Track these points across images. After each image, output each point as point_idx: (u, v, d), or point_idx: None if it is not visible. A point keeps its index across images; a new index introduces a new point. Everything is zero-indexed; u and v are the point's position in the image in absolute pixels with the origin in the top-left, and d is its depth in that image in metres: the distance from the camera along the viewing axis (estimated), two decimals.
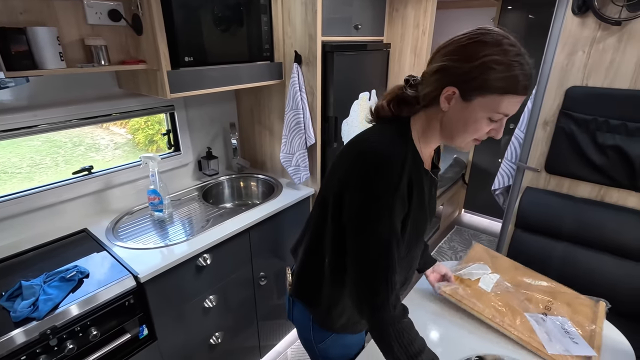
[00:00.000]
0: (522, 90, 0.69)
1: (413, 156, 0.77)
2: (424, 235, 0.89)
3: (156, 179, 1.48)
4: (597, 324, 1.13)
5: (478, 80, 0.68)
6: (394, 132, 0.79)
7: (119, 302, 1.12)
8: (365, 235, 0.74)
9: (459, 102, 0.72)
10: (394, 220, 0.73)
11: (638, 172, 1.43)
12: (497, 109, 0.70)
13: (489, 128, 0.74)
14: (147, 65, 1.25)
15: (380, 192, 0.72)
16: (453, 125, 0.75)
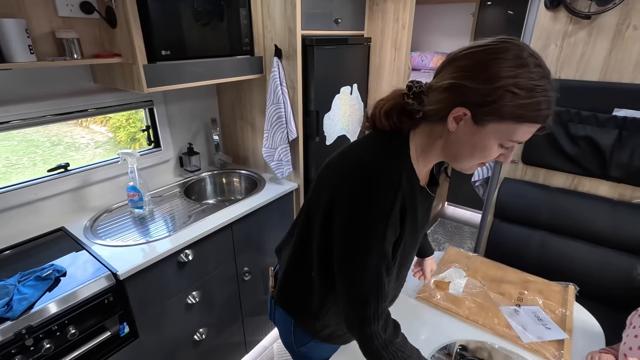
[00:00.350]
0: (542, 120, 0.62)
1: (408, 177, 0.70)
2: (415, 250, 0.84)
3: (135, 175, 1.46)
4: (568, 307, 1.18)
5: (495, 105, 0.59)
6: (390, 151, 0.72)
7: (97, 300, 1.11)
8: (354, 264, 0.70)
9: (469, 125, 0.64)
10: (384, 249, 0.69)
11: (608, 162, 1.49)
12: (511, 136, 0.63)
13: (499, 153, 0.67)
14: (122, 58, 1.22)
15: (371, 222, 0.67)
16: (459, 148, 0.68)
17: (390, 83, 2.04)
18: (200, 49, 1.41)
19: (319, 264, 0.80)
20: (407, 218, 0.71)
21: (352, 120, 2.01)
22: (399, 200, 0.67)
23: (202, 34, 1.39)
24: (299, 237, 0.86)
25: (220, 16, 1.43)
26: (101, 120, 1.78)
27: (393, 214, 0.67)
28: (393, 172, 0.68)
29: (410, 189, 0.71)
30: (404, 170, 0.70)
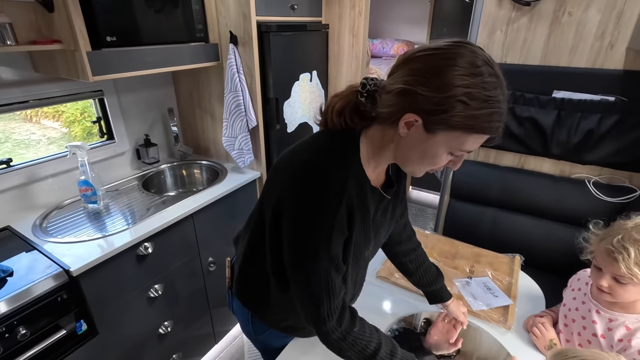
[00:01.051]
0: (493, 131, 0.61)
1: (356, 180, 0.70)
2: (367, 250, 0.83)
3: (87, 169, 1.40)
4: (514, 276, 1.27)
5: (446, 114, 0.58)
6: (339, 152, 0.70)
7: (49, 299, 1.06)
8: (303, 268, 0.70)
9: (420, 132, 0.63)
10: (332, 251, 0.68)
11: (549, 141, 1.60)
12: (461, 146, 0.63)
13: (448, 160, 0.67)
14: (62, 45, 1.15)
15: (316, 227, 0.66)
16: (409, 153, 0.68)
17: (349, 69, 2.06)
18: (150, 35, 1.35)
19: (272, 261, 0.79)
20: (356, 220, 0.70)
21: (312, 107, 2.02)
22: (344, 205, 0.66)
23: (152, 19, 1.34)
24: (253, 233, 0.85)
25: (170, 1, 1.38)
26: (53, 114, 1.68)
27: (338, 219, 0.66)
28: (339, 177, 0.67)
29: (358, 191, 0.70)
30: (351, 174, 0.68)
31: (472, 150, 0.65)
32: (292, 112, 1.85)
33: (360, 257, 0.80)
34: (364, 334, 0.76)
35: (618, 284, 0.82)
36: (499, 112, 0.60)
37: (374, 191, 0.76)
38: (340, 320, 0.73)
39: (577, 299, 0.99)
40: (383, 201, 0.81)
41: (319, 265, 0.68)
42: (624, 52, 1.40)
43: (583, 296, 0.97)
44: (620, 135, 1.47)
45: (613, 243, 0.80)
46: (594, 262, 0.88)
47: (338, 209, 0.66)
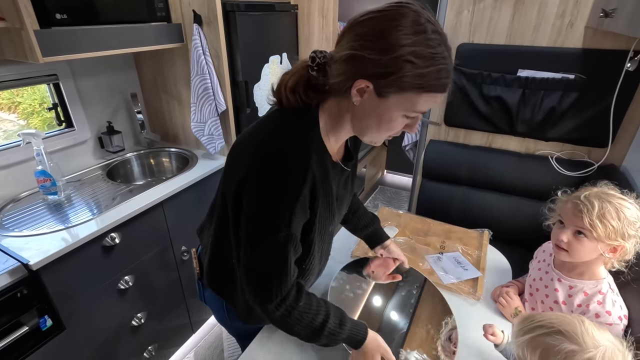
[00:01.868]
0: (442, 88, 0.62)
1: (318, 155, 0.69)
2: (333, 224, 0.84)
3: (43, 158, 1.32)
4: (482, 250, 1.32)
5: (395, 76, 0.59)
6: (298, 130, 0.69)
7: (7, 295, 1.00)
8: (259, 244, 0.69)
9: (372, 98, 0.63)
10: (292, 230, 0.68)
11: (515, 119, 1.65)
12: (414, 107, 0.63)
13: (404, 124, 0.68)
14: (6, 23, 1.06)
15: (279, 205, 0.66)
16: (366, 121, 0.68)
17: None
18: (105, 13, 1.27)
19: (237, 249, 0.76)
20: (319, 196, 0.70)
21: None
22: (308, 182, 0.66)
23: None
24: (218, 223, 0.82)
25: None
26: (9, 106, 1.56)
27: (302, 196, 0.66)
28: (302, 154, 0.67)
29: (321, 167, 0.70)
30: (313, 150, 0.68)
31: (426, 111, 0.66)
32: (263, 95, 1.81)
33: (325, 232, 0.81)
34: (310, 308, 0.75)
35: (576, 239, 0.86)
36: (446, 69, 0.60)
37: (335, 166, 0.77)
38: (286, 298, 0.72)
39: (541, 270, 1.04)
40: (344, 174, 0.82)
41: (278, 242, 0.67)
42: (583, 30, 1.45)
43: (547, 266, 1.01)
44: (580, 112, 1.53)
45: (580, 198, 0.86)
46: (559, 219, 0.92)
47: (302, 187, 0.66)
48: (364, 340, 0.80)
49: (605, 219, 0.81)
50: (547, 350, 0.54)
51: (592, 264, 0.89)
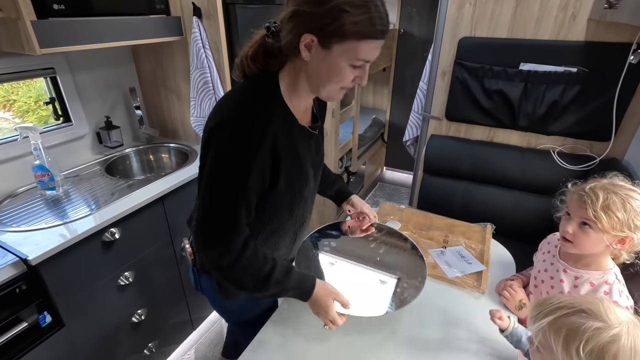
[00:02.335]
0: (379, 35, 0.68)
1: (282, 116, 0.75)
2: (307, 189, 0.87)
3: (41, 152, 1.30)
4: (486, 244, 1.31)
5: (333, 25, 0.65)
6: (260, 91, 0.75)
7: (6, 290, 0.99)
8: (215, 192, 0.73)
9: (319, 51, 0.69)
10: (248, 183, 0.72)
11: (517, 113, 1.64)
12: (357, 55, 0.69)
13: (353, 75, 0.73)
14: (2, 13, 1.04)
15: (235, 164, 0.71)
16: (317, 76, 0.73)
17: None
18: (104, 5, 1.25)
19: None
20: (283, 156, 0.75)
21: None
22: (266, 144, 0.71)
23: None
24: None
25: None
26: (4, 104, 1.53)
27: (260, 156, 0.71)
28: (260, 117, 0.72)
29: (284, 129, 0.75)
30: (274, 113, 0.73)
31: (370, 60, 0.71)
32: None
33: (300, 195, 0.85)
34: (257, 259, 0.78)
35: (582, 230, 0.86)
36: (379, 17, 0.66)
37: (302, 129, 0.81)
38: (233, 249, 0.74)
39: (546, 261, 1.03)
40: (313, 138, 0.86)
41: (232, 193, 0.72)
42: (586, 23, 1.44)
43: (552, 258, 1.01)
44: (582, 105, 1.53)
45: (585, 189, 0.85)
46: (566, 211, 0.92)
47: (262, 143, 0.71)
48: (312, 287, 0.83)
49: (610, 210, 0.81)
50: (572, 330, 0.54)
51: (599, 255, 0.88)
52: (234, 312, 1.04)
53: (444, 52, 1.73)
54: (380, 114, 3.53)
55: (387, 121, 3.53)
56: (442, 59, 1.74)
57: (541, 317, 0.58)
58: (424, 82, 1.90)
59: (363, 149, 3.06)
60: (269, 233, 0.88)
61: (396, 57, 3.26)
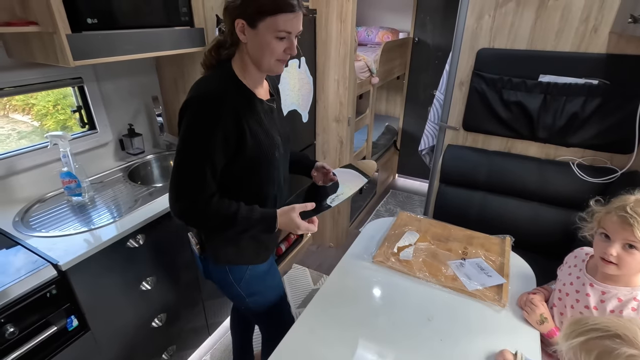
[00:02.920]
0: (289, 7, 0.83)
1: (238, 91, 0.92)
2: (277, 152, 1.01)
3: (69, 159, 1.34)
4: (505, 256, 1.31)
5: (251, 7, 0.82)
6: (216, 75, 0.93)
7: (38, 295, 1.02)
8: (183, 154, 0.89)
9: (250, 32, 0.86)
10: (210, 148, 0.87)
11: (536, 124, 1.64)
12: (277, 27, 0.83)
13: (283, 47, 0.87)
14: (39, 27, 1.08)
15: (199, 127, 0.86)
16: (254, 53, 0.89)
17: (338, 56, 2.04)
18: (132, 18, 1.29)
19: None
20: (245, 121, 0.90)
21: (302, 94, 2.00)
22: (227, 108, 0.86)
23: (134, 1, 1.28)
24: None
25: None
26: (23, 107, 1.58)
27: (222, 121, 0.86)
28: (219, 90, 0.88)
29: (242, 99, 0.91)
30: (230, 86, 0.90)
31: (293, 32, 0.86)
32: (282, 99, 1.82)
33: (271, 156, 0.99)
34: (224, 202, 0.92)
35: (626, 252, 0.84)
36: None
37: (262, 102, 0.98)
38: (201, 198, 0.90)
39: (572, 275, 1.02)
40: (274, 110, 1.03)
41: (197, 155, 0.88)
42: (607, 36, 1.44)
43: (578, 272, 1.00)
44: (603, 117, 1.52)
45: (627, 210, 0.83)
46: (602, 232, 0.90)
47: (220, 114, 0.86)
48: (274, 214, 0.95)
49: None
50: (604, 354, 0.54)
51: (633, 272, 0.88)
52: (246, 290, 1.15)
53: (462, 63, 1.73)
54: (393, 121, 3.54)
55: (400, 129, 3.54)
56: (460, 70, 1.75)
57: (574, 335, 0.58)
58: (440, 92, 1.91)
59: (376, 157, 3.07)
60: (252, 196, 1.00)
61: (410, 65, 3.27)
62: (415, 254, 1.32)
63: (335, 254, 2.60)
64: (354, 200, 2.85)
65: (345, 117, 2.19)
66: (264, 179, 1.01)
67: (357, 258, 1.32)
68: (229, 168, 0.94)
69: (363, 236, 1.45)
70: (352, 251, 1.36)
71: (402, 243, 1.36)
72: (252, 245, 1.10)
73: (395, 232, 1.44)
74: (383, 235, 1.42)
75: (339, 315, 1.06)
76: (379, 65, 2.57)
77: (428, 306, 1.11)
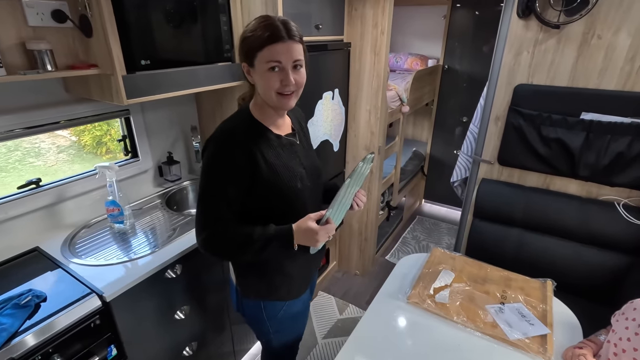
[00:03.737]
0: (275, 39, 0.86)
1: (251, 127, 0.97)
2: (300, 183, 1.02)
3: (114, 189, 1.40)
4: (547, 303, 1.25)
5: (245, 48, 0.90)
6: (233, 116, 1.00)
7: (83, 325, 1.06)
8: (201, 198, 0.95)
9: (252, 71, 0.93)
10: (226, 190, 0.93)
11: (577, 162, 1.59)
12: (267, 59, 0.88)
13: (278, 78, 0.90)
14: (99, 70, 1.16)
15: (214, 166, 0.92)
16: (260, 91, 0.94)
17: (370, 87, 2.06)
18: (180, 57, 1.36)
19: None
20: (260, 157, 0.93)
21: (334, 124, 2.02)
22: (240, 146, 0.91)
23: (182, 41, 1.35)
24: None
25: (199, 23, 1.39)
26: None
27: (234, 159, 0.91)
28: (235, 129, 0.94)
29: (256, 137, 0.96)
30: (243, 126, 0.96)
31: (282, 61, 0.88)
32: (315, 130, 1.85)
33: (293, 188, 1.00)
34: (240, 226, 0.96)
35: None
36: (271, 26, 0.87)
37: (280, 137, 1.01)
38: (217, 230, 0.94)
39: (629, 329, 0.96)
40: (295, 144, 1.05)
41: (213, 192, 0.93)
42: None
43: (637, 327, 0.94)
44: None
45: None
46: None
47: (233, 151, 0.91)
48: (290, 228, 0.94)
49: None
50: None
51: None
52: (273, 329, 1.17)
53: (498, 97, 1.72)
54: (420, 145, 3.51)
55: (427, 154, 3.50)
56: (496, 105, 1.73)
57: None
58: (474, 125, 1.89)
59: (404, 183, 3.04)
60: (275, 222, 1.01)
61: (439, 91, 3.27)
62: (451, 296, 1.28)
63: (361, 282, 2.56)
64: (381, 227, 2.81)
65: (375, 146, 2.19)
66: (288, 211, 1.01)
67: (391, 297, 1.30)
68: (250, 202, 0.97)
69: (396, 273, 1.43)
70: (385, 289, 1.34)
71: (438, 284, 1.33)
72: (282, 279, 1.10)
73: (430, 270, 1.41)
74: (417, 274, 1.39)
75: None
76: (409, 93, 2.58)
77: (467, 354, 1.07)
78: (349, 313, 2.27)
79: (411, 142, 3.59)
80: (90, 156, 1.86)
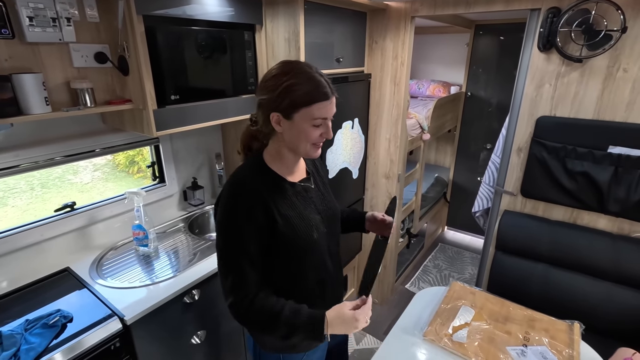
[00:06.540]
0: (322, 97, 0.84)
1: (266, 178, 0.92)
2: (317, 232, 0.97)
3: (141, 214, 1.48)
4: (575, 347, 1.18)
5: (286, 102, 0.84)
6: (246, 166, 0.95)
7: (104, 347, 1.10)
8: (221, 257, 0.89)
9: (285, 122, 0.86)
10: (244, 245, 0.86)
11: (606, 197, 1.52)
12: (312, 116, 0.85)
13: (319, 132, 0.88)
14: (133, 104, 1.26)
15: (228, 226, 0.87)
16: (292, 140, 0.89)
17: (390, 117, 2.09)
18: (207, 90, 1.45)
19: None
20: (275, 211, 0.89)
21: (353, 152, 2.05)
22: (255, 198, 0.86)
23: (209, 76, 1.44)
24: None
25: (227, 60, 1.48)
26: None
27: (250, 214, 0.85)
28: (246, 183, 0.89)
29: (271, 189, 0.90)
30: (260, 177, 0.91)
31: (326, 117, 0.86)
32: (334, 158, 1.89)
33: (310, 238, 0.95)
34: (268, 300, 0.88)
35: None
36: (319, 83, 0.84)
37: (294, 185, 0.96)
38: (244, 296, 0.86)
39: None
40: (309, 189, 1.00)
41: (232, 254, 0.87)
42: None
43: None
44: None
45: None
46: None
47: (249, 204, 0.86)
48: (322, 318, 0.86)
49: None
50: None
51: None
52: None
53: (520, 129, 1.69)
54: (442, 171, 3.47)
55: (450, 180, 3.45)
56: (518, 136, 1.71)
57: None
58: (496, 156, 1.86)
59: (425, 209, 3.00)
60: (297, 282, 0.97)
61: (462, 118, 3.25)
62: (470, 335, 1.24)
63: (380, 311, 2.50)
64: (401, 254, 2.76)
65: (395, 174, 2.20)
66: (305, 264, 0.97)
67: (407, 332, 1.27)
68: (269, 256, 0.92)
69: (413, 307, 1.40)
70: (401, 323, 1.31)
71: (457, 322, 1.29)
72: None
73: (448, 306, 1.37)
74: (434, 309, 1.36)
75: None
76: (431, 121, 2.58)
77: None
78: (365, 343, 2.22)
79: (433, 167, 3.55)
80: (123, 174, 1.98)
